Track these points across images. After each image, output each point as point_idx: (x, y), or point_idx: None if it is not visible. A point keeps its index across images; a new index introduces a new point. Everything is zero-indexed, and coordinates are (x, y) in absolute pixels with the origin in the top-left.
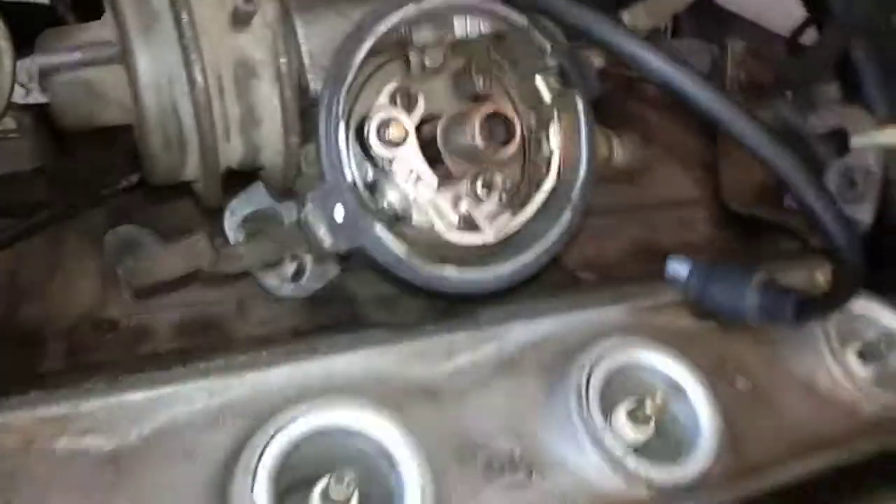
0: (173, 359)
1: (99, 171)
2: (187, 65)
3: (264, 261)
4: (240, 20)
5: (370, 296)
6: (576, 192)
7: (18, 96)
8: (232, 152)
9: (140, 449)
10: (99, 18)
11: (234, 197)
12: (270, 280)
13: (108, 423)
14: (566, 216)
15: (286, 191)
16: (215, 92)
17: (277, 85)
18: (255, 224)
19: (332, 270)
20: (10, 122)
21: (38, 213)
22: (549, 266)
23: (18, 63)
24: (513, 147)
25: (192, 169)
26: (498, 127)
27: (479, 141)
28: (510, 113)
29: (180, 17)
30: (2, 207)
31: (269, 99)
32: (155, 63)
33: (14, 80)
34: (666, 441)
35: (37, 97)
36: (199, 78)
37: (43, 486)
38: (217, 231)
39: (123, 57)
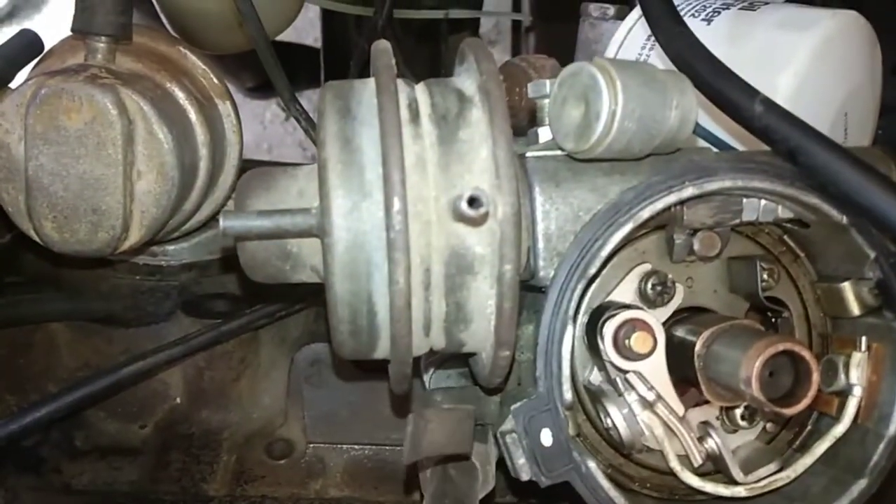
0: None
1: None
2: (390, 261)
3: None
4: (463, 219)
5: None
6: (877, 453)
7: None
8: (430, 344)
9: None
10: None
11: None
12: None
13: None
14: (858, 482)
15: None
16: (420, 287)
17: (496, 289)
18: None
19: None
20: None
21: (233, 309)
22: None
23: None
24: (801, 404)
25: (381, 353)
26: (784, 372)
27: (754, 389)
28: (805, 353)
29: (391, 203)
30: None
31: (483, 301)
32: (354, 249)
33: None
34: None
35: None
36: (400, 280)
37: None
38: None
39: (321, 233)
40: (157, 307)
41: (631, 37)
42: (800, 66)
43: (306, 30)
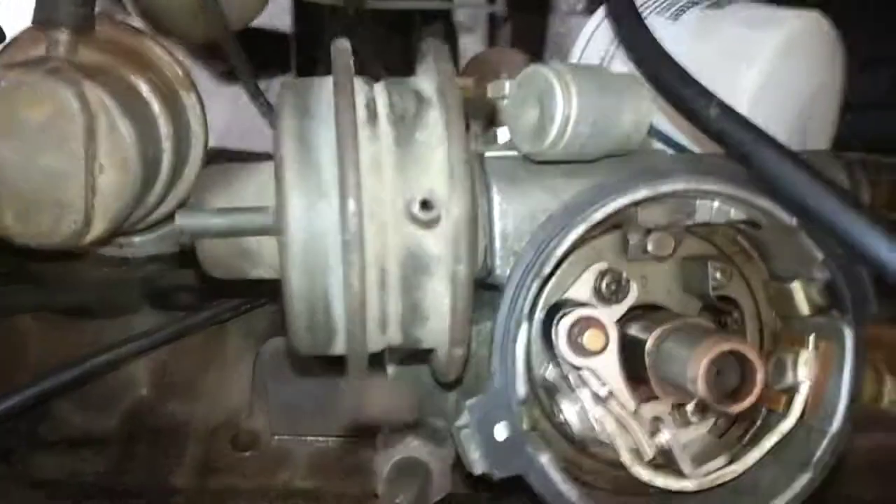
0: None
1: None
2: (345, 263)
3: None
4: (416, 221)
5: None
6: (821, 448)
7: None
8: (388, 342)
9: None
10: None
11: None
12: None
13: None
14: (803, 476)
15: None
16: (375, 287)
17: (451, 289)
18: None
19: None
20: None
21: (200, 301)
22: None
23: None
24: (745, 402)
25: (339, 348)
26: (730, 371)
27: (700, 388)
28: (750, 353)
29: (346, 206)
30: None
31: (439, 300)
32: (310, 248)
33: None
34: None
35: None
36: (355, 283)
37: None
38: None
39: (277, 232)
40: (124, 299)
41: (600, 31)
42: (765, 64)
43: (279, 15)
